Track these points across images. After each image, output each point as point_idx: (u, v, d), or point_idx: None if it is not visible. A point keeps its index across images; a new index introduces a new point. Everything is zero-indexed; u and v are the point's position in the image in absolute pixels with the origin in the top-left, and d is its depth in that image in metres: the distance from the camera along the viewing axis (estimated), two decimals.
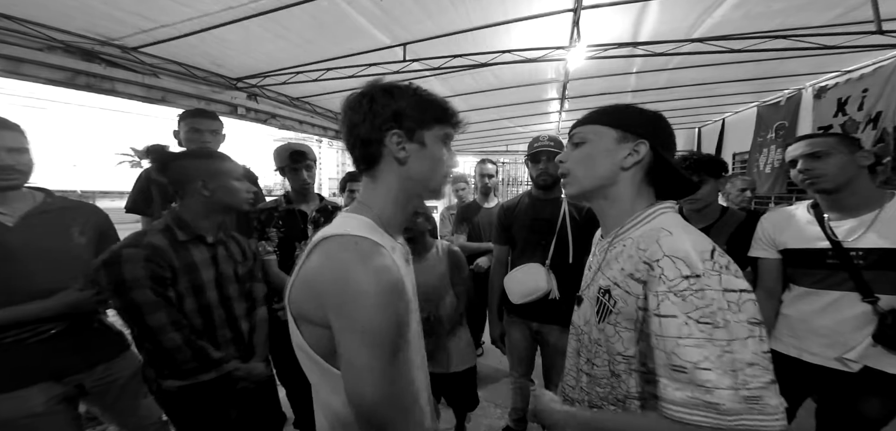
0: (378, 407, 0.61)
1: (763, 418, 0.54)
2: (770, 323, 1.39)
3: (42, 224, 1.25)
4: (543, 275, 1.69)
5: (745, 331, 0.56)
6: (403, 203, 0.75)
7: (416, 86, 0.73)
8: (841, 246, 1.23)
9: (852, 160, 1.22)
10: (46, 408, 1.20)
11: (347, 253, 0.63)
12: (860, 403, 1.24)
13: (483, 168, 2.83)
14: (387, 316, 0.61)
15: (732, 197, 2.85)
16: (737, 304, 0.57)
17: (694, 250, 0.61)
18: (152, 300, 1.09)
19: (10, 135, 1.19)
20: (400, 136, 0.70)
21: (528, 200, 1.87)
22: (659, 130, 0.76)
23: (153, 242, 1.15)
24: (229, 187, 1.28)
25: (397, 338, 0.64)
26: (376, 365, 0.61)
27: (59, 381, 1.25)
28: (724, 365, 0.55)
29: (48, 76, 2.15)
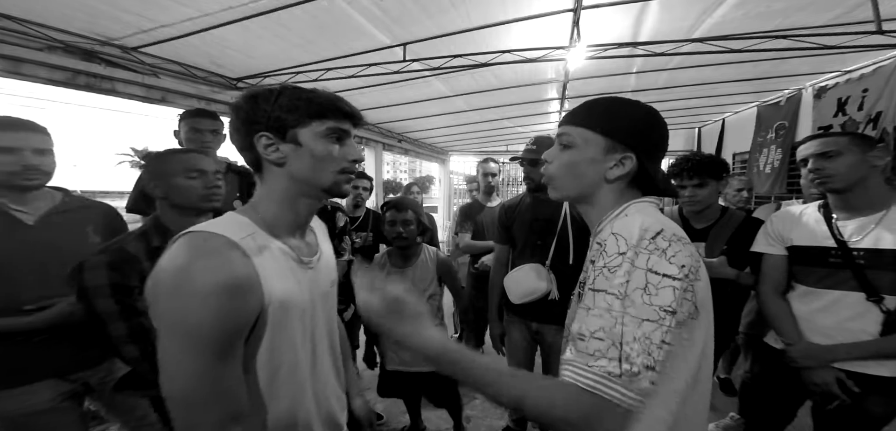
0: (184, 409, 0.59)
1: (629, 395, 0.53)
2: (781, 318, 1.38)
3: (60, 223, 1.28)
4: (543, 275, 1.69)
5: (649, 313, 0.56)
6: (289, 203, 0.74)
7: (290, 87, 0.72)
8: (845, 246, 1.23)
9: (864, 159, 1.21)
10: (53, 405, 1.22)
11: (187, 247, 0.61)
12: (862, 402, 1.24)
13: (485, 167, 2.84)
14: (205, 312, 0.57)
15: (729, 197, 2.85)
16: (655, 286, 0.57)
17: (639, 228, 0.61)
18: (112, 310, 1.05)
19: (37, 137, 1.23)
20: (268, 139, 0.70)
21: (529, 200, 1.87)
22: (648, 138, 0.73)
23: (125, 248, 1.10)
24: (178, 185, 1.18)
25: (224, 339, 0.60)
26: (185, 361, 0.58)
27: (65, 378, 1.26)
28: (614, 337, 0.56)
29: (48, 76, 2.14)
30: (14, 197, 1.21)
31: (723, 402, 2.52)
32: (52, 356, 1.23)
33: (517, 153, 1.89)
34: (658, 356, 0.55)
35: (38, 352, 1.20)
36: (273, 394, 0.71)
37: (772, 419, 1.50)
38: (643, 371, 0.54)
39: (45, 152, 1.25)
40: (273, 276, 0.67)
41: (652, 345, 0.55)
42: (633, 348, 0.55)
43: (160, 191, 1.20)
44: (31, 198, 1.25)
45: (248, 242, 0.66)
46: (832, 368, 1.25)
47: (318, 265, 0.82)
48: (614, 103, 0.76)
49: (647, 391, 0.54)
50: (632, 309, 0.56)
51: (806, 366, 1.30)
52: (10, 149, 1.17)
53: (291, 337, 0.72)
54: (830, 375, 1.25)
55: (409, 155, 7.01)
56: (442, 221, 7.38)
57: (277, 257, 0.71)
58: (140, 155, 51.27)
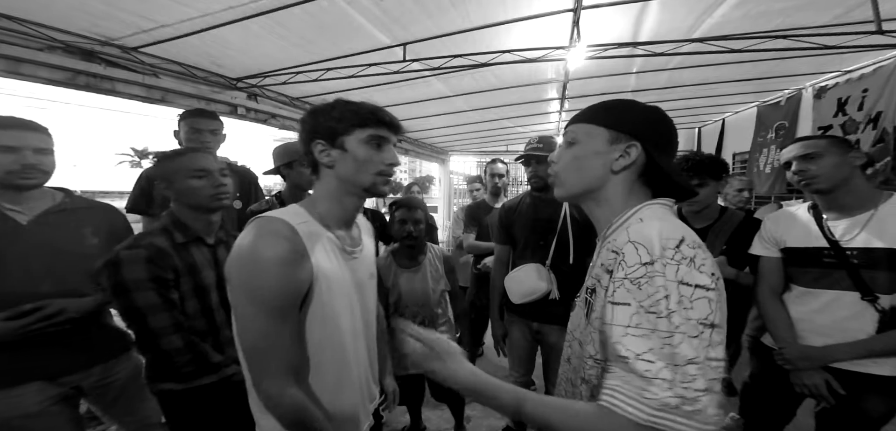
0: (255, 355, 0.74)
1: (698, 425, 0.50)
2: (776, 321, 1.39)
3: (56, 223, 1.26)
4: (544, 276, 1.69)
5: (691, 329, 0.52)
6: (338, 200, 0.88)
7: (342, 101, 0.87)
8: (838, 245, 1.25)
9: (845, 160, 1.25)
10: (41, 408, 1.19)
11: (256, 228, 0.76)
12: (860, 402, 1.24)
13: (493, 168, 2.84)
14: (270, 277, 0.72)
15: (730, 197, 2.85)
16: (689, 299, 0.54)
17: (659, 237, 0.58)
18: (154, 302, 1.08)
19: (37, 137, 1.23)
20: (323, 145, 0.85)
21: (529, 200, 1.87)
22: (655, 130, 0.72)
23: (155, 243, 1.14)
24: (187, 186, 1.22)
25: (284, 302, 0.74)
26: (256, 319, 0.73)
27: (54, 382, 1.24)
28: (665, 358, 0.51)
29: (48, 76, 2.14)
30: (10, 196, 1.20)
31: (722, 402, 2.52)
32: (37, 359, 1.20)
33: (517, 153, 1.89)
34: (712, 375, 0.51)
35: (23, 355, 1.17)
36: (320, 362, 0.83)
37: (771, 419, 1.51)
38: (705, 397, 0.50)
39: (46, 151, 1.24)
40: (321, 256, 0.81)
41: (705, 365, 0.51)
42: (687, 372, 0.50)
43: (172, 193, 1.23)
44: (27, 197, 1.23)
45: (302, 227, 0.79)
46: (821, 370, 1.27)
47: (361, 256, 0.95)
48: (620, 101, 0.76)
49: (714, 418, 0.50)
50: (682, 327, 0.52)
51: (796, 368, 1.31)
52: (10, 148, 1.17)
53: (336, 312, 0.84)
54: (820, 377, 1.27)
55: (409, 155, 7.01)
56: (442, 221, 7.39)
57: (325, 243, 0.84)
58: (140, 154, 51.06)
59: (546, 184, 1.78)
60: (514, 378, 2.00)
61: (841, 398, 1.25)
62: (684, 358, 0.51)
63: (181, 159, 1.24)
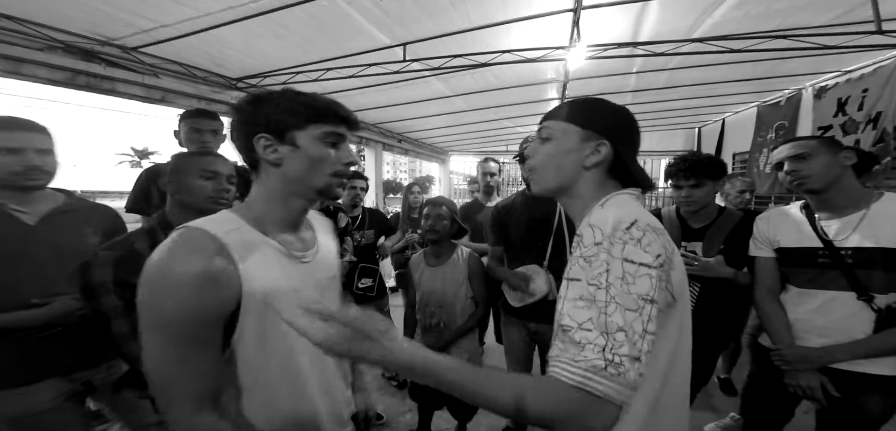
0: (161, 386, 0.65)
1: (615, 386, 0.53)
2: (774, 321, 1.39)
3: (61, 224, 1.27)
4: (542, 277, 1.68)
5: (630, 302, 0.56)
6: (281, 201, 0.78)
7: (290, 91, 0.76)
8: (832, 245, 1.25)
9: (836, 160, 1.25)
10: (54, 404, 1.22)
11: (172, 240, 0.67)
12: (859, 402, 1.24)
13: (485, 166, 2.83)
14: (173, 301, 0.62)
15: (731, 198, 2.85)
16: (632, 276, 0.58)
17: (613, 219, 0.63)
18: (116, 306, 1.05)
19: (39, 137, 1.23)
20: (267, 140, 0.73)
21: (523, 200, 1.86)
22: (621, 128, 0.77)
23: (131, 246, 1.11)
24: (189, 186, 1.21)
25: (196, 329, 0.64)
26: (160, 345, 0.64)
27: (67, 378, 1.26)
28: (600, 326, 0.56)
29: (48, 76, 2.15)
30: (15, 197, 1.21)
31: (723, 402, 2.52)
32: (53, 355, 1.22)
33: (512, 155, 1.88)
34: (642, 346, 0.56)
35: (40, 352, 1.19)
36: (269, 381, 0.74)
37: (770, 418, 1.51)
38: (628, 361, 0.54)
39: (48, 152, 1.25)
40: (255, 269, 0.70)
41: (635, 335, 0.55)
42: (616, 338, 0.55)
43: (172, 187, 1.23)
44: (32, 198, 1.24)
45: (230, 236, 0.69)
46: (817, 372, 1.28)
47: (315, 259, 0.84)
48: (590, 99, 0.80)
49: (634, 382, 0.54)
50: (617, 298, 0.57)
51: (794, 369, 1.31)
52: (14, 150, 1.17)
53: (280, 327, 0.72)
54: (815, 379, 1.27)
55: (409, 155, 7.02)
56: None
57: (263, 252, 0.73)
58: (140, 154, 50.93)
59: None
60: None
61: (839, 398, 1.25)
62: (615, 326, 0.55)
63: (195, 158, 1.25)
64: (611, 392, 0.53)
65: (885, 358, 1.19)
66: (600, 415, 0.54)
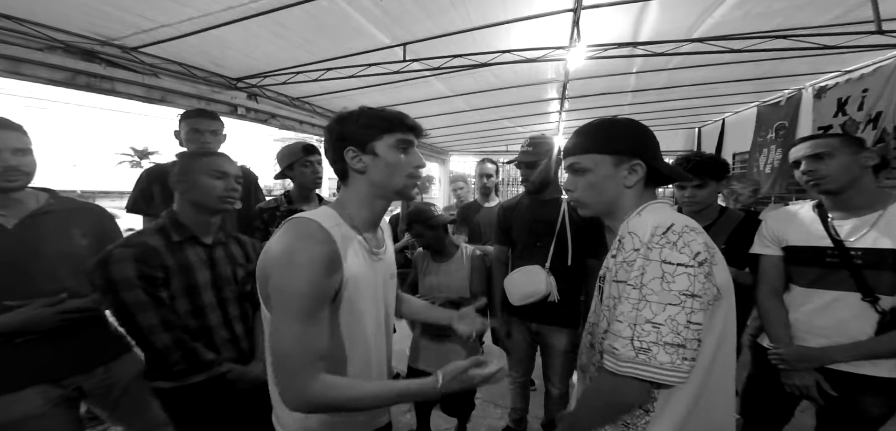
0: (283, 360, 0.74)
1: (648, 369, 0.66)
2: (774, 321, 1.38)
3: (43, 225, 1.23)
4: (542, 278, 1.69)
5: (671, 298, 0.66)
6: (368, 203, 0.91)
7: (367, 108, 0.89)
8: (842, 245, 1.23)
9: (856, 160, 1.21)
10: (43, 410, 1.18)
11: (291, 230, 0.79)
12: (858, 403, 1.24)
13: (482, 167, 2.82)
14: (303, 281, 0.74)
15: (743, 198, 2.84)
16: (671, 275, 0.67)
17: (652, 225, 0.73)
18: (142, 300, 1.09)
19: (14, 136, 1.18)
20: (354, 152, 0.87)
21: (528, 201, 1.87)
22: (644, 143, 0.86)
23: (146, 242, 1.15)
24: (200, 185, 1.23)
25: (315, 304, 0.76)
26: (287, 324, 0.74)
27: (57, 384, 1.23)
28: (630, 320, 0.68)
29: (48, 76, 2.14)
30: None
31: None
32: (41, 361, 1.19)
33: (516, 153, 1.89)
34: (687, 335, 0.65)
35: (26, 357, 1.16)
36: (353, 349, 0.88)
37: (769, 418, 1.51)
38: (656, 347, 0.65)
39: (25, 151, 1.20)
40: (351, 258, 0.84)
41: (679, 326, 0.65)
42: (644, 328, 0.66)
43: (183, 187, 1.24)
44: (11, 200, 1.20)
45: (335, 230, 0.82)
46: (813, 372, 1.27)
47: (384, 257, 0.99)
48: (604, 124, 0.90)
49: (660, 363, 0.65)
50: (651, 296, 0.67)
51: (792, 368, 1.31)
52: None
53: (363, 309, 0.88)
54: (810, 378, 1.27)
55: None
56: None
57: (355, 245, 0.87)
58: (140, 154, 51.00)
59: (537, 187, 1.78)
60: (513, 378, 2.00)
61: (838, 399, 1.25)
62: (643, 319, 0.67)
63: (205, 158, 1.27)
64: (636, 373, 0.66)
65: (885, 361, 1.18)
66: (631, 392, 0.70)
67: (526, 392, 2.04)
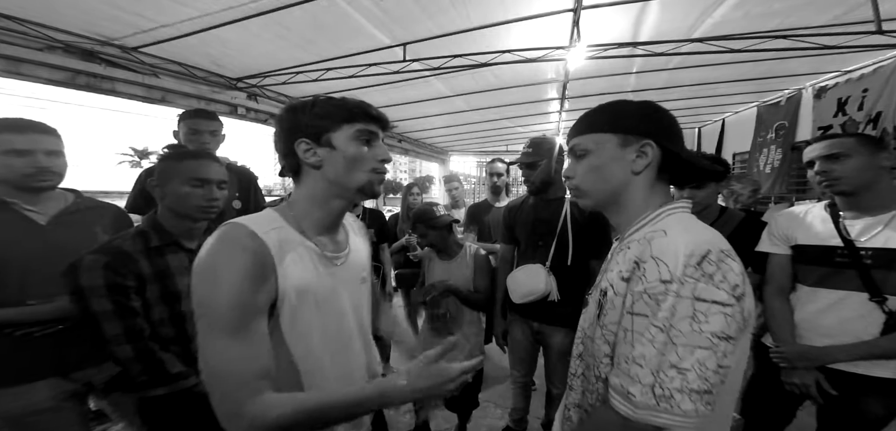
0: (215, 381, 0.66)
1: (667, 416, 0.56)
2: (779, 320, 1.37)
3: (71, 223, 1.29)
4: (543, 277, 1.69)
5: (701, 341, 0.56)
6: (323, 203, 0.81)
7: (323, 97, 0.80)
8: (853, 245, 1.22)
9: (872, 162, 1.18)
10: (53, 404, 1.21)
11: (217, 237, 0.70)
12: (860, 404, 1.24)
13: (493, 167, 2.84)
14: (223, 293, 0.65)
15: (743, 199, 2.84)
16: (704, 314, 0.56)
17: (682, 254, 0.59)
18: (107, 309, 1.05)
19: (49, 139, 1.24)
20: (307, 144, 0.77)
21: (532, 201, 1.88)
22: (659, 122, 0.73)
23: (120, 247, 1.10)
24: (177, 192, 1.17)
25: (240, 318, 0.67)
26: (209, 339, 0.66)
27: (67, 377, 1.25)
28: (652, 365, 0.57)
29: (48, 76, 2.15)
30: (27, 197, 1.23)
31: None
32: (52, 354, 1.22)
33: (518, 153, 1.89)
34: (714, 380, 0.56)
35: (39, 350, 1.19)
36: (315, 362, 0.78)
37: (771, 418, 1.50)
38: (679, 394, 0.55)
39: (57, 154, 1.26)
40: (292, 267, 0.74)
41: (708, 372, 0.55)
42: (668, 374, 0.56)
43: (160, 192, 1.21)
44: (43, 198, 1.26)
45: (272, 235, 0.73)
46: (813, 370, 1.26)
47: (348, 261, 0.88)
48: (613, 103, 0.77)
49: (693, 412, 0.55)
50: (679, 338, 0.56)
51: (793, 366, 1.30)
52: (23, 152, 1.19)
53: (313, 321, 0.78)
54: (810, 377, 1.26)
55: (409, 155, 7.01)
56: None
57: (300, 252, 0.77)
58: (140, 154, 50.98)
59: (538, 187, 1.79)
60: (514, 377, 2.00)
61: (840, 399, 1.24)
62: (668, 364, 0.56)
63: (183, 163, 1.20)
64: (654, 420, 0.57)
65: (888, 361, 1.18)
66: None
67: (527, 392, 2.04)
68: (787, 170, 4.19)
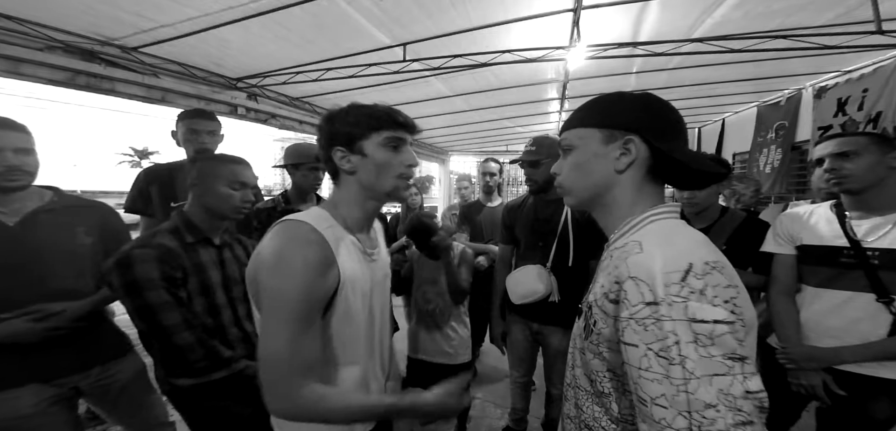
0: (273, 364, 0.71)
1: None
2: (786, 321, 1.37)
3: (46, 223, 1.24)
4: (543, 278, 1.68)
5: (716, 367, 0.48)
6: (359, 205, 0.88)
7: (356, 104, 0.85)
8: (859, 245, 1.21)
9: (883, 161, 1.18)
10: (36, 410, 1.18)
11: (282, 233, 0.75)
12: (868, 404, 1.23)
13: (485, 167, 2.83)
14: (295, 285, 0.71)
15: (745, 199, 2.83)
16: (707, 336, 0.49)
17: (662, 271, 0.53)
18: (166, 300, 1.10)
19: (17, 136, 1.19)
20: (342, 152, 0.84)
21: (532, 200, 1.87)
22: (650, 116, 0.66)
23: (164, 243, 1.16)
24: (217, 192, 1.25)
25: (308, 309, 0.73)
26: (278, 327, 0.71)
27: (50, 383, 1.22)
28: (679, 406, 0.49)
29: (48, 76, 2.15)
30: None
31: None
32: (31, 361, 1.18)
33: (517, 153, 1.89)
34: (749, 407, 0.48)
35: (15, 358, 1.16)
36: (345, 355, 0.84)
37: (776, 419, 1.50)
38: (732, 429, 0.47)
39: (28, 151, 1.21)
40: (346, 260, 0.81)
41: (736, 400, 0.47)
42: (706, 416, 0.48)
43: (199, 190, 1.25)
44: (13, 198, 1.20)
45: (328, 231, 0.79)
46: (819, 371, 1.26)
47: (378, 258, 0.96)
48: (607, 96, 0.71)
49: None
50: (696, 368, 0.48)
51: (799, 368, 1.30)
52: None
53: (357, 312, 0.84)
54: (817, 378, 1.26)
55: None
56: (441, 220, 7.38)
57: (349, 247, 0.84)
58: (140, 154, 51.02)
59: (541, 186, 1.78)
60: (514, 377, 2.00)
61: (846, 401, 1.24)
62: (702, 403, 0.48)
63: (226, 166, 1.27)
64: None
65: (894, 363, 1.17)
66: None
67: (527, 392, 2.04)
68: (787, 170, 4.19)
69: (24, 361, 1.17)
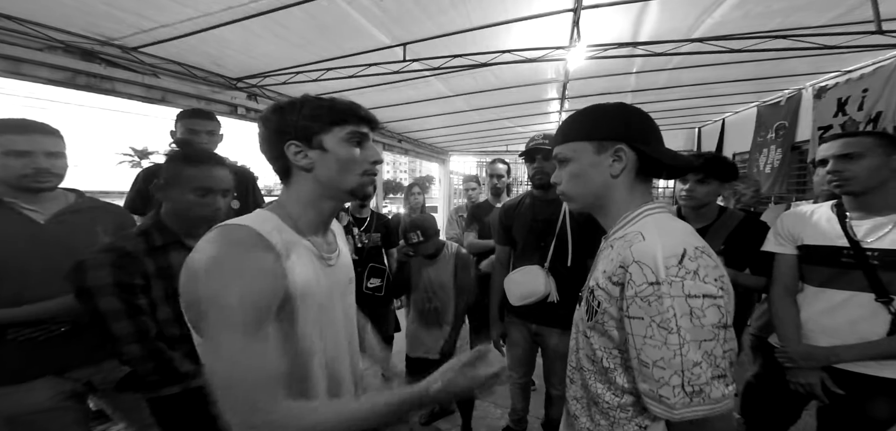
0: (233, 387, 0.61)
1: (705, 407, 0.61)
2: (786, 321, 1.37)
3: (71, 223, 1.30)
4: (542, 278, 1.68)
5: (704, 334, 0.61)
6: (314, 204, 0.80)
7: (311, 97, 0.78)
8: (858, 245, 1.22)
9: (887, 163, 1.18)
10: (52, 403, 1.21)
11: (219, 238, 0.67)
12: (865, 405, 1.23)
13: (493, 168, 2.85)
14: (239, 290, 0.62)
15: (745, 199, 2.83)
16: (700, 309, 0.61)
17: (662, 255, 0.64)
18: (117, 308, 1.04)
19: (50, 140, 1.25)
20: (297, 146, 0.76)
21: (529, 201, 1.86)
22: (630, 124, 0.77)
23: (125, 247, 1.10)
24: (183, 199, 1.17)
25: (256, 317, 0.64)
26: (225, 338, 0.61)
27: (65, 377, 1.26)
28: (675, 367, 0.62)
29: (48, 76, 2.14)
30: (26, 196, 1.24)
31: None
32: (49, 354, 1.22)
33: (517, 153, 1.88)
34: (724, 364, 0.62)
35: (35, 350, 1.19)
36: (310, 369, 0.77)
37: (775, 419, 1.50)
38: (707, 386, 0.61)
39: (58, 155, 1.27)
40: (298, 267, 0.72)
41: (716, 358, 0.61)
42: (694, 372, 0.61)
43: (163, 195, 1.20)
44: (42, 198, 1.27)
45: (274, 235, 0.71)
46: (818, 370, 1.26)
47: (338, 262, 0.88)
48: (586, 110, 0.81)
49: (721, 396, 0.61)
50: (687, 335, 0.61)
51: (794, 366, 1.30)
52: (23, 153, 1.19)
53: (316, 323, 0.77)
54: (815, 377, 1.26)
55: (409, 155, 7.00)
56: (442, 222, 7.39)
57: (301, 252, 0.75)
58: (140, 154, 50.97)
59: (549, 181, 1.77)
60: (513, 378, 2.00)
61: (845, 400, 1.24)
62: (691, 362, 0.61)
63: (188, 170, 1.19)
64: (703, 414, 0.62)
65: (893, 362, 1.17)
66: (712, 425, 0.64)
67: (526, 392, 2.04)
68: (787, 170, 4.18)
69: (41, 354, 1.21)
